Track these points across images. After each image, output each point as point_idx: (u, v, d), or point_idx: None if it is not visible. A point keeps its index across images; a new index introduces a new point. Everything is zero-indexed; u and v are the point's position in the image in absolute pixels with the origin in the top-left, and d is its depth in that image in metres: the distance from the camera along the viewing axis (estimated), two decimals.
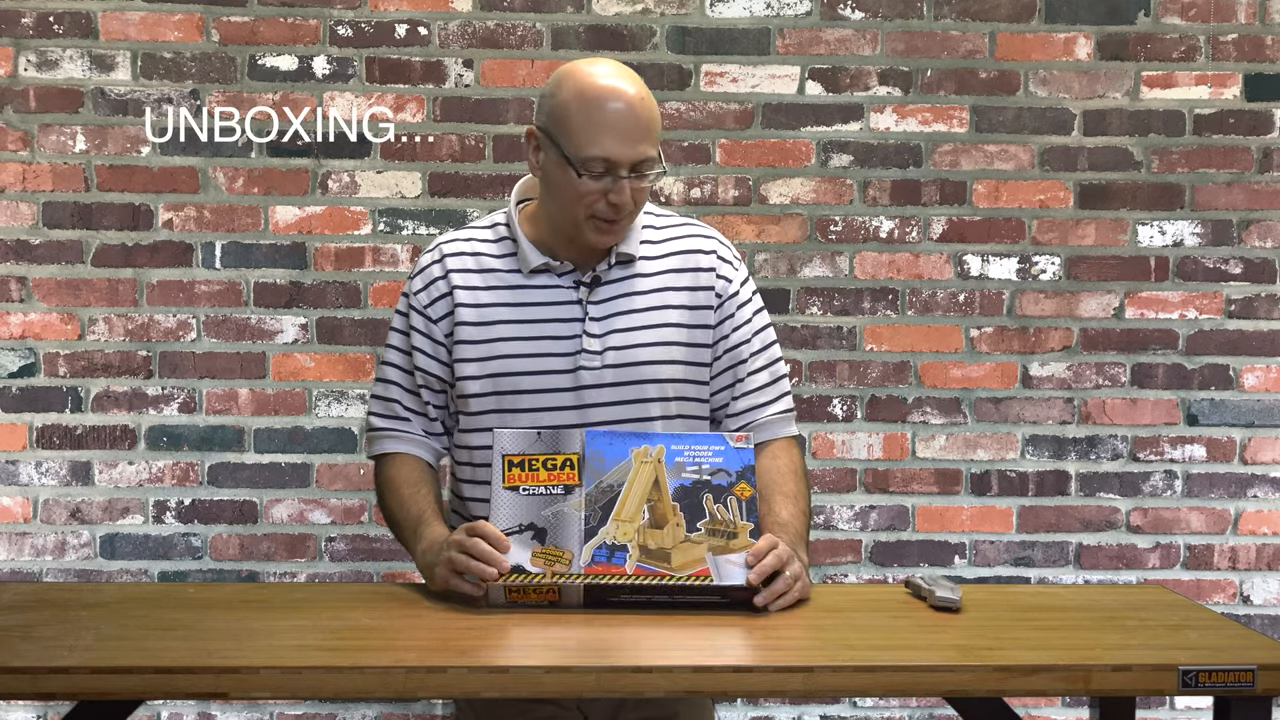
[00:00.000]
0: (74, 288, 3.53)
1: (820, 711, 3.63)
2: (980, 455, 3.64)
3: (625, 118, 2.12)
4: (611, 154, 2.12)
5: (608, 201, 2.14)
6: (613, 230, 2.19)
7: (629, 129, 2.12)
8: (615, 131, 2.12)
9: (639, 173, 2.15)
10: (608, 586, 1.95)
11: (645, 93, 2.16)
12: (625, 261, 2.25)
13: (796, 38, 3.58)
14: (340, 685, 1.68)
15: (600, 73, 2.16)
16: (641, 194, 2.18)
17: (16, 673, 1.67)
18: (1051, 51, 3.61)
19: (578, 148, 2.13)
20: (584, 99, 2.13)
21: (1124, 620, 1.98)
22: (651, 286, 2.26)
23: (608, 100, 2.12)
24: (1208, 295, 3.65)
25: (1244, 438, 3.67)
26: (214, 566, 3.56)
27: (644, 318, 2.23)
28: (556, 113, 2.16)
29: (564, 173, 2.15)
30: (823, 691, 1.78)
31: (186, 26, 3.52)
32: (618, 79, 2.15)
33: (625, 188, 2.14)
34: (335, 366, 3.57)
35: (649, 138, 2.14)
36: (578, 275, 2.24)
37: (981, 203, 3.62)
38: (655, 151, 2.16)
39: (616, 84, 2.14)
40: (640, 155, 2.14)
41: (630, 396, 2.21)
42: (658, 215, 2.33)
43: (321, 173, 3.55)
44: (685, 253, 2.29)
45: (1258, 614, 3.67)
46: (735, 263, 2.32)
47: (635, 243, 2.26)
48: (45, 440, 3.54)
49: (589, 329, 2.21)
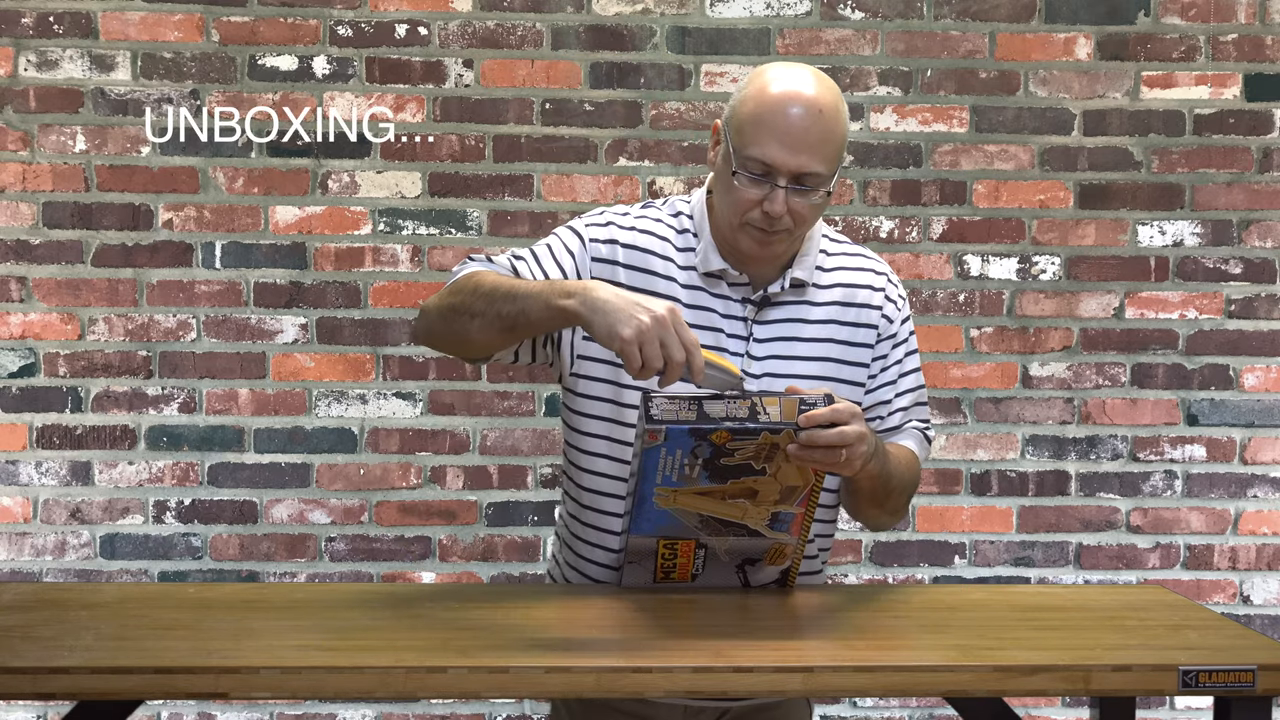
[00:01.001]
0: (74, 288, 3.53)
1: (820, 711, 3.63)
2: (980, 455, 3.64)
3: (795, 124, 1.99)
4: (770, 158, 1.99)
5: (762, 210, 2.01)
6: (769, 242, 2.05)
7: (796, 136, 1.99)
8: (781, 135, 1.99)
9: (799, 185, 2.01)
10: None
11: (833, 106, 2.03)
12: (797, 286, 2.12)
13: (796, 38, 3.58)
14: (340, 685, 1.68)
15: (788, 76, 2.04)
16: (804, 210, 2.03)
17: (16, 673, 1.67)
18: (1051, 51, 3.61)
19: (741, 145, 2.01)
20: (762, 97, 2.02)
21: (1124, 620, 1.98)
22: (819, 318, 2.14)
23: (784, 103, 2.00)
24: (1208, 295, 3.65)
25: (1244, 438, 3.67)
26: (214, 566, 3.56)
27: (808, 349, 2.12)
28: (736, 108, 2.05)
29: (727, 170, 2.04)
30: (823, 691, 1.78)
31: (186, 26, 3.52)
32: (804, 84, 2.02)
33: (780, 197, 2.00)
34: (335, 366, 3.57)
35: (818, 152, 2.00)
36: (748, 291, 2.11)
37: (981, 203, 3.62)
38: (824, 168, 2.01)
39: (798, 89, 2.01)
40: (801, 167, 1.99)
41: None
42: (832, 240, 2.21)
43: (321, 173, 3.55)
44: (854, 286, 2.17)
45: (1258, 614, 3.67)
46: (900, 301, 2.21)
47: (810, 268, 2.14)
48: (45, 440, 3.54)
49: (752, 350, 2.10)
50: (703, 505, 1.94)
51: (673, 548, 2.00)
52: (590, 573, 2.16)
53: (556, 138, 3.57)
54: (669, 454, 1.87)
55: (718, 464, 1.88)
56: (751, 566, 2.04)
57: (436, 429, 3.58)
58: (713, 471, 1.89)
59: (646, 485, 1.91)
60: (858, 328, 2.16)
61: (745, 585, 2.06)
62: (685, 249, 2.13)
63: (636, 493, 1.92)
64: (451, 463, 3.58)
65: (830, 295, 2.15)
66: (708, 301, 2.10)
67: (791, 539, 1.99)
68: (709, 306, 2.10)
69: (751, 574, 2.05)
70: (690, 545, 2.00)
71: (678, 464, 1.88)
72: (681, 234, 2.14)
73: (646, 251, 2.12)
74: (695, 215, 2.15)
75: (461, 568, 3.59)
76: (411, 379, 3.56)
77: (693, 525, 1.96)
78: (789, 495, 1.93)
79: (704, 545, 2.00)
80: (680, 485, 1.91)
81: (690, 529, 1.97)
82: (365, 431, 3.58)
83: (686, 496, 1.93)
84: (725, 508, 1.94)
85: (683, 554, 2.01)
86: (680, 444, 1.86)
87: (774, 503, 1.94)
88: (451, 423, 3.58)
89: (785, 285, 2.12)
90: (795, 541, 2.00)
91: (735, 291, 2.11)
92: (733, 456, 1.87)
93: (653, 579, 2.04)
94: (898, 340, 2.19)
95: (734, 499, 1.93)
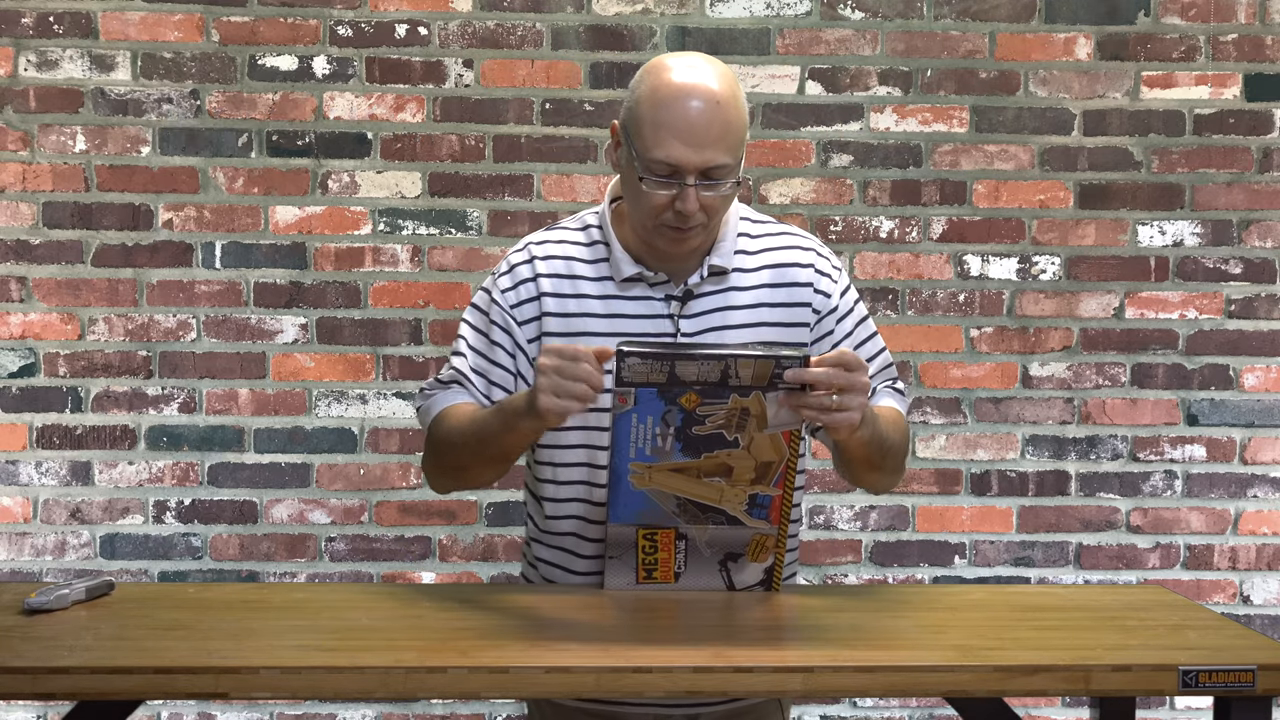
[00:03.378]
0: (74, 288, 3.53)
1: (820, 711, 3.63)
2: (980, 455, 3.64)
3: (695, 120, 1.96)
4: (675, 158, 1.96)
5: (674, 209, 1.99)
6: (684, 239, 2.03)
7: (698, 132, 1.96)
8: (682, 134, 1.96)
9: (709, 180, 1.98)
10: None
11: (729, 94, 1.99)
12: (719, 274, 2.10)
13: (796, 38, 3.58)
14: (340, 685, 1.68)
15: (680, 68, 2.00)
16: (715, 203, 2.01)
17: (16, 673, 1.67)
18: (1051, 51, 3.61)
19: (644, 148, 1.98)
20: (656, 96, 1.98)
21: (1124, 620, 1.98)
22: (746, 302, 2.11)
23: (680, 99, 1.96)
24: (1208, 295, 3.65)
25: (1244, 438, 3.67)
26: (214, 566, 3.56)
27: (738, 335, 2.08)
28: (632, 109, 2.01)
29: (634, 174, 2.01)
30: (823, 691, 1.78)
31: (186, 26, 3.52)
32: (697, 76, 1.99)
33: (691, 195, 1.97)
34: (335, 366, 3.57)
35: (722, 143, 1.97)
36: (670, 288, 2.09)
37: (981, 203, 3.62)
38: (730, 159, 1.98)
39: (693, 81, 1.98)
40: (708, 161, 1.97)
41: None
42: (754, 222, 2.18)
43: (321, 173, 3.55)
44: (781, 266, 2.13)
45: (1258, 614, 3.67)
46: (835, 273, 2.17)
47: (729, 253, 2.11)
48: (45, 440, 3.54)
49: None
50: (679, 485, 1.94)
51: (653, 539, 2.00)
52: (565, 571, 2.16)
53: (556, 138, 3.57)
54: (640, 421, 1.88)
55: (689, 434, 1.89)
56: (734, 564, 2.04)
57: None
58: (686, 443, 1.89)
59: (620, 460, 1.92)
60: (791, 308, 2.13)
61: (730, 588, 2.06)
62: (597, 260, 2.12)
63: (612, 470, 1.93)
64: None
65: (757, 278, 2.13)
66: (629, 309, 2.10)
67: (771, 529, 2.00)
68: (631, 313, 2.09)
69: (735, 573, 2.05)
70: (670, 536, 2.00)
71: (649, 433, 1.89)
72: (592, 246, 2.13)
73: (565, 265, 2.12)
74: (603, 225, 2.14)
75: (461, 568, 3.59)
76: (411, 379, 3.56)
77: (670, 510, 1.97)
78: (765, 473, 1.94)
79: (684, 536, 2.00)
80: (654, 460, 1.91)
81: (668, 514, 1.97)
82: (365, 431, 3.58)
83: (661, 475, 1.93)
84: (701, 488, 1.95)
85: (664, 547, 2.01)
86: (650, 409, 1.87)
87: (750, 481, 1.94)
88: None
89: (704, 274, 2.10)
90: (775, 532, 2.00)
91: (656, 291, 2.10)
92: (704, 425, 1.88)
93: (635, 579, 2.05)
94: (842, 313, 2.16)
95: (710, 477, 1.94)
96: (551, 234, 2.17)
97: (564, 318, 2.10)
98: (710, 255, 2.10)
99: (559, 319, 2.10)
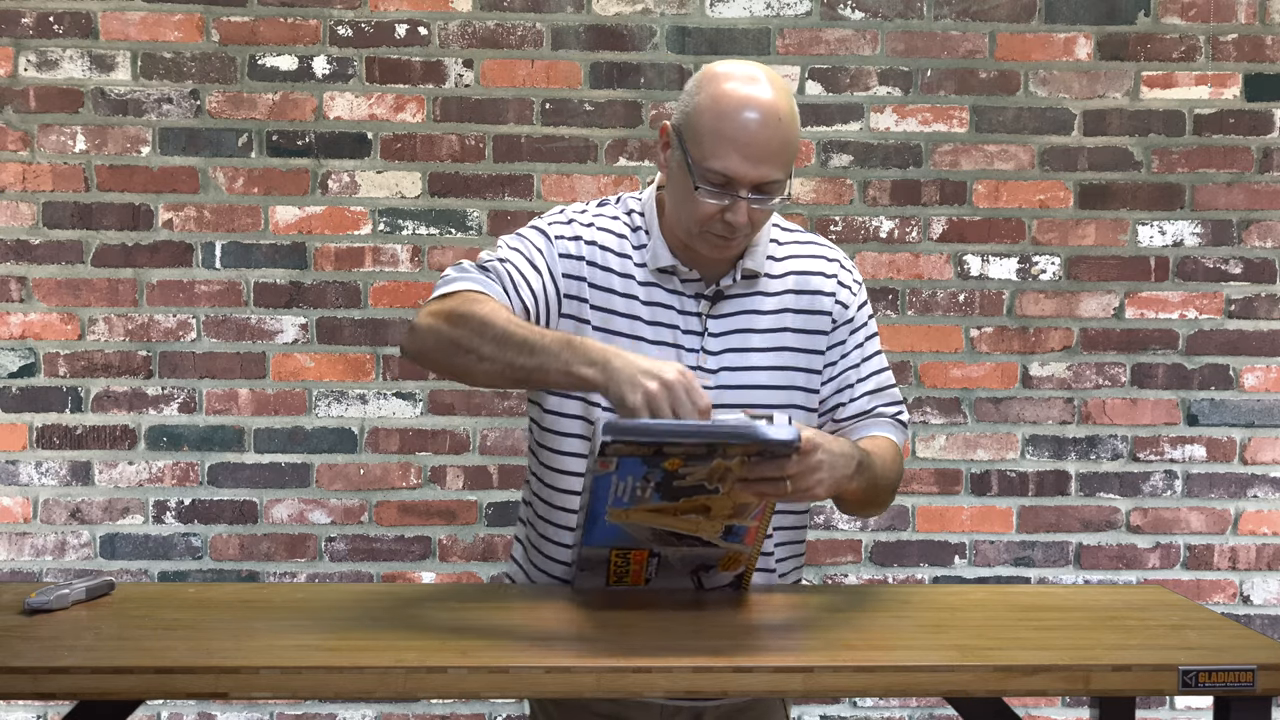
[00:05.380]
0: (74, 288, 3.53)
1: (820, 711, 3.63)
2: (980, 455, 3.64)
3: (756, 134, 1.97)
4: (733, 170, 1.98)
5: (723, 219, 2.01)
6: (728, 247, 2.05)
7: (758, 147, 1.97)
8: (742, 148, 1.97)
9: (760, 194, 2.00)
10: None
11: (788, 109, 2.00)
12: (750, 277, 2.12)
13: (796, 38, 3.58)
14: (340, 685, 1.68)
15: (742, 79, 2.01)
16: (762, 215, 2.04)
17: (16, 673, 1.67)
18: (1051, 51, 3.61)
19: (701, 156, 1.99)
20: (718, 106, 1.99)
21: (1124, 620, 1.98)
22: (772, 308, 2.13)
23: (741, 111, 1.97)
24: (1208, 295, 3.65)
25: (1244, 438, 3.67)
26: (214, 566, 3.56)
27: (762, 339, 2.12)
28: (690, 114, 2.02)
29: (685, 179, 2.02)
30: (823, 691, 1.78)
31: (186, 26, 3.52)
32: (758, 89, 1.99)
33: (743, 208, 1.99)
34: (335, 366, 3.57)
35: (777, 159, 1.99)
36: (700, 286, 2.11)
37: (981, 203, 3.62)
38: (782, 174, 2.00)
39: (755, 94, 1.98)
40: (764, 176, 1.98)
41: None
42: (783, 230, 2.20)
43: (321, 173, 3.55)
44: (805, 274, 2.16)
45: (1258, 614, 3.67)
46: (855, 287, 2.20)
47: (761, 258, 2.13)
48: (45, 440, 3.54)
49: (707, 345, 2.10)
50: (655, 520, 1.93)
51: (625, 556, 2.00)
52: (555, 572, 2.17)
53: (556, 138, 3.57)
54: (620, 480, 1.86)
55: (670, 485, 1.88)
56: (706, 573, 2.04)
57: (436, 429, 3.58)
58: (665, 492, 1.88)
59: (598, 505, 1.90)
60: (812, 315, 2.15)
61: (699, 587, 2.06)
62: (639, 246, 2.13)
63: (588, 509, 1.91)
64: (451, 463, 3.58)
65: (783, 285, 2.15)
66: (663, 298, 2.11)
67: (746, 548, 1.99)
68: (665, 303, 2.11)
69: (706, 579, 2.05)
70: (643, 555, 2.00)
71: (630, 488, 1.88)
72: (635, 231, 2.14)
73: (605, 249, 2.12)
74: (646, 213, 2.15)
75: (461, 568, 3.59)
76: (411, 379, 3.56)
77: (645, 538, 1.97)
78: (742, 511, 1.93)
79: (657, 555, 2.00)
80: (631, 505, 1.90)
81: (643, 541, 1.97)
82: (365, 431, 3.58)
83: (639, 514, 1.92)
84: (678, 522, 1.94)
85: (635, 562, 2.01)
86: (632, 471, 1.85)
87: (727, 517, 1.93)
88: (451, 423, 3.58)
89: (737, 278, 2.11)
90: (749, 550, 2.00)
91: (687, 287, 2.11)
92: (684, 480, 1.87)
93: (605, 583, 2.04)
94: (855, 326, 2.19)
95: (686, 514, 1.93)
96: (602, 210, 2.16)
97: (604, 291, 2.09)
98: (744, 259, 2.12)
99: (600, 292, 2.09)
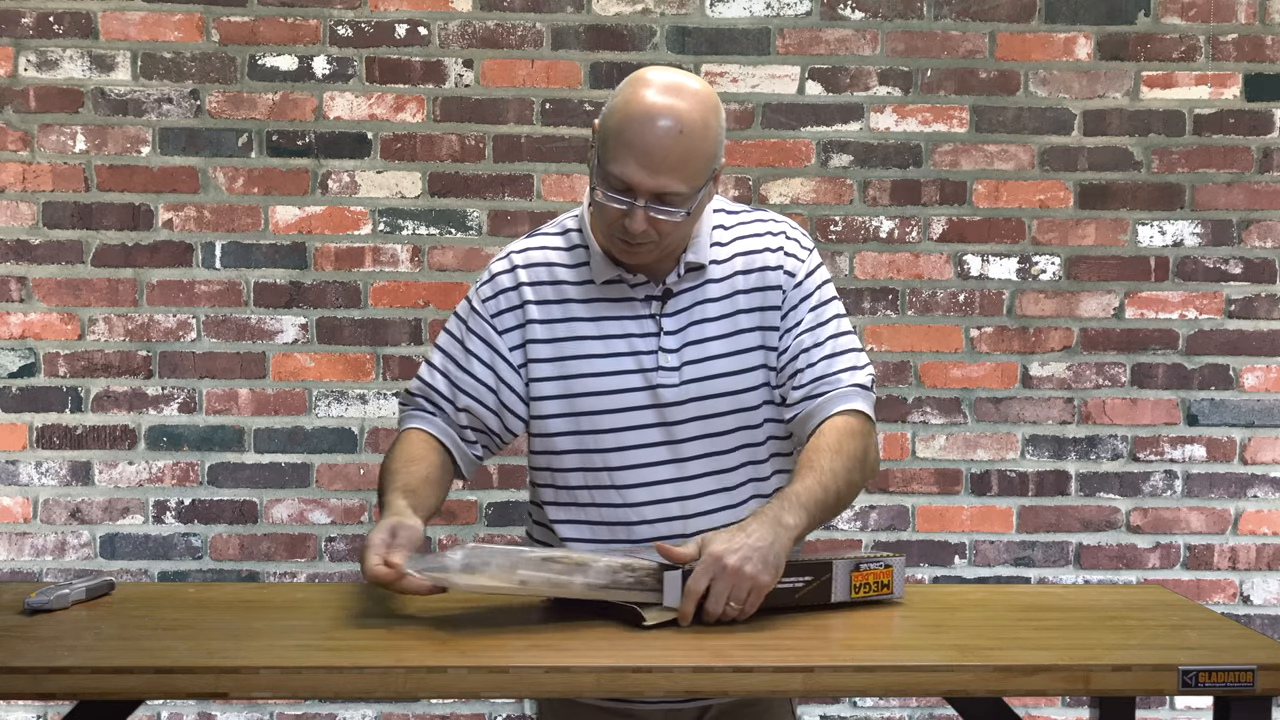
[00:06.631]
0: (74, 288, 3.53)
1: (820, 711, 3.63)
2: (980, 455, 3.64)
3: (655, 143, 1.94)
4: (629, 176, 1.95)
5: (622, 225, 1.99)
6: (637, 253, 2.03)
7: (656, 156, 1.94)
8: (640, 154, 1.94)
9: (659, 205, 1.97)
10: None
11: (699, 123, 1.96)
12: (696, 269, 2.10)
13: (796, 38, 3.58)
14: (340, 685, 1.68)
15: (660, 87, 1.97)
16: (665, 227, 1.99)
17: (16, 673, 1.67)
18: (1051, 51, 3.61)
19: (605, 159, 1.98)
20: (627, 109, 1.96)
21: (1124, 620, 1.98)
22: (721, 293, 2.11)
23: (647, 119, 1.94)
24: (1208, 295, 3.65)
25: (1244, 438, 3.67)
26: (214, 566, 3.56)
27: (717, 327, 2.10)
28: (605, 116, 2.01)
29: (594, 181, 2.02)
30: (823, 691, 1.78)
31: (186, 26, 3.52)
32: (672, 99, 1.96)
33: (639, 216, 1.96)
34: (335, 366, 3.57)
35: (679, 171, 1.95)
36: (650, 288, 2.09)
37: (981, 203, 3.62)
38: (685, 188, 1.97)
39: (666, 103, 1.95)
40: (661, 187, 1.95)
41: (712, 411, 2.09)
42: (728, 213, 2.17)
43: (321, 173, 3.55)
44: (751, 252, 2.13)
45: (1258, 614, 3.67)
46: (802, 253, 2.15)
47: (704, 249, 2.10)
48: (45, 440, 3.54)
49: (664, 344, 2.08)
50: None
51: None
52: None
53: (556, 138, 3.57)
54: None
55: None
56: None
57: None
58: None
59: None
60: (764, 291, 2.12)
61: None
62: (579, 264, 2.13)
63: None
64: None
65: (730, 268, 2.13)
66: (613, 310, 2.11)
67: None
68: (615, 315, 2.10)
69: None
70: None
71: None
72: (572, 250, 2.14)
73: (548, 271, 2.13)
74: (583, 228, 2.15)
75: None
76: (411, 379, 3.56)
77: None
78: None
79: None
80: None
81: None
82: (365, 431, 3.58)
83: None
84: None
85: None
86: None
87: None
88: None
89: (681, 273, 2.10)
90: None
91: (638, 291, 2.11)
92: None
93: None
94: (806, 291, 2.14)
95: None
96: (533, 240, 2.18)
97: (549, 324, 2.11)
98: (686, 253, 2.11)
99: (544, 325, 2.11)
